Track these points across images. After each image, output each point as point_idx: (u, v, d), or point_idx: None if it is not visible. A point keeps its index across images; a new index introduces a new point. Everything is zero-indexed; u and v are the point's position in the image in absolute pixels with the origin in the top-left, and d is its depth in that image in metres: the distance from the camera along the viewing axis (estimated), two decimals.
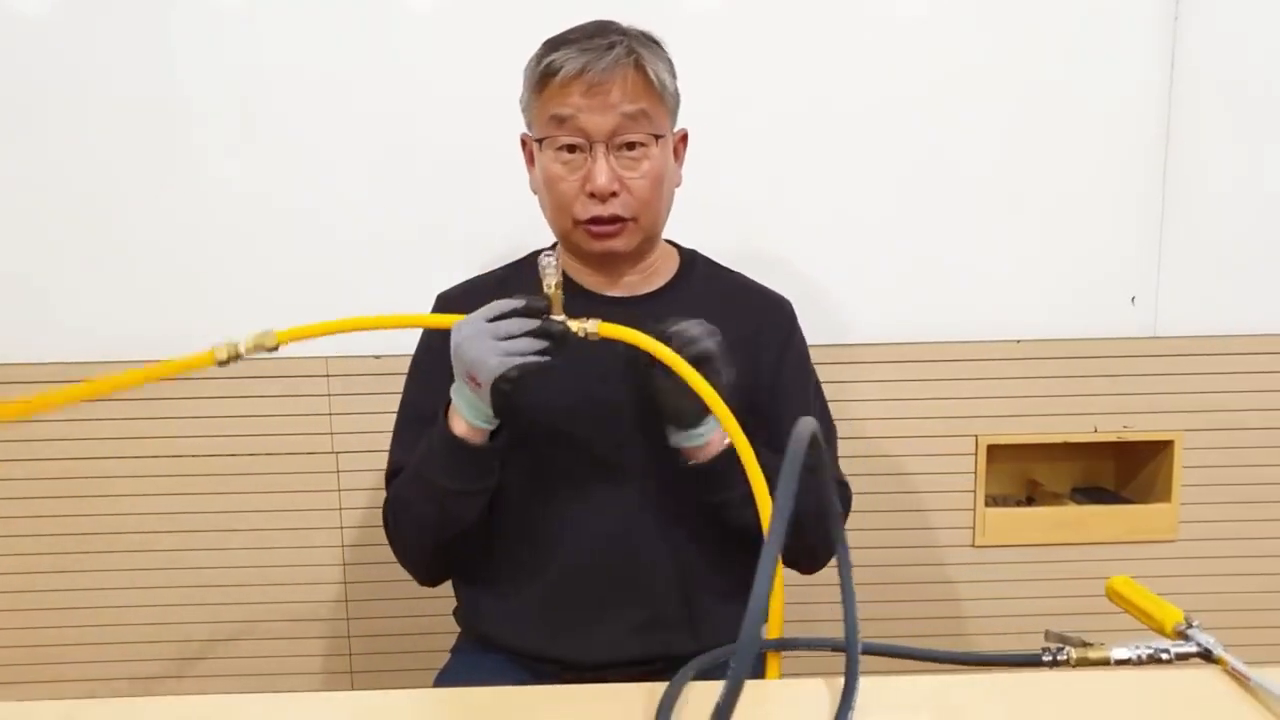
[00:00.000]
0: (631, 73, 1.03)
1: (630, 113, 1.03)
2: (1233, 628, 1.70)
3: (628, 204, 1.06)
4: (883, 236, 1.62)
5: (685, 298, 1.14)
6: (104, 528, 1.65)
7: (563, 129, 1.04)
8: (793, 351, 1.17)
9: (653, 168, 1.06)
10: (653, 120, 1.05)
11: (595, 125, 1.03)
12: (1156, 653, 0.78)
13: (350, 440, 1.63)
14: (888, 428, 1.66)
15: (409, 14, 1.54)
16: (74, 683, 1.69)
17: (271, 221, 1.59)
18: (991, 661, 0.81)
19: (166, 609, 1.67)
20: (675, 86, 1.10)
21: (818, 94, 1.58)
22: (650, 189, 1.06)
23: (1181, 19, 1.58)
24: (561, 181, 1.06)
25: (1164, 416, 1.67)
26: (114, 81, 1.54)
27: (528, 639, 1.12)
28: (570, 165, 1.05)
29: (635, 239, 1.09)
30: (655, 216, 1.10)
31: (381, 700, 0.77)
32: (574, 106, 1.03)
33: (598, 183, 1.03)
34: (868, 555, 1.67)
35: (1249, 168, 1.62)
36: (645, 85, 1.04)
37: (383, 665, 1.71)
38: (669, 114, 1.09)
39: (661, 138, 1.06)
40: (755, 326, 1.15)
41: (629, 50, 1.03)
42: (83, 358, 1.58)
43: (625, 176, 1.05)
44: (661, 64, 1.07)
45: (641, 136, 1.04)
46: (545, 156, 1.07)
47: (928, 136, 1.60)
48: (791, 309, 1.21)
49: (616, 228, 1.07)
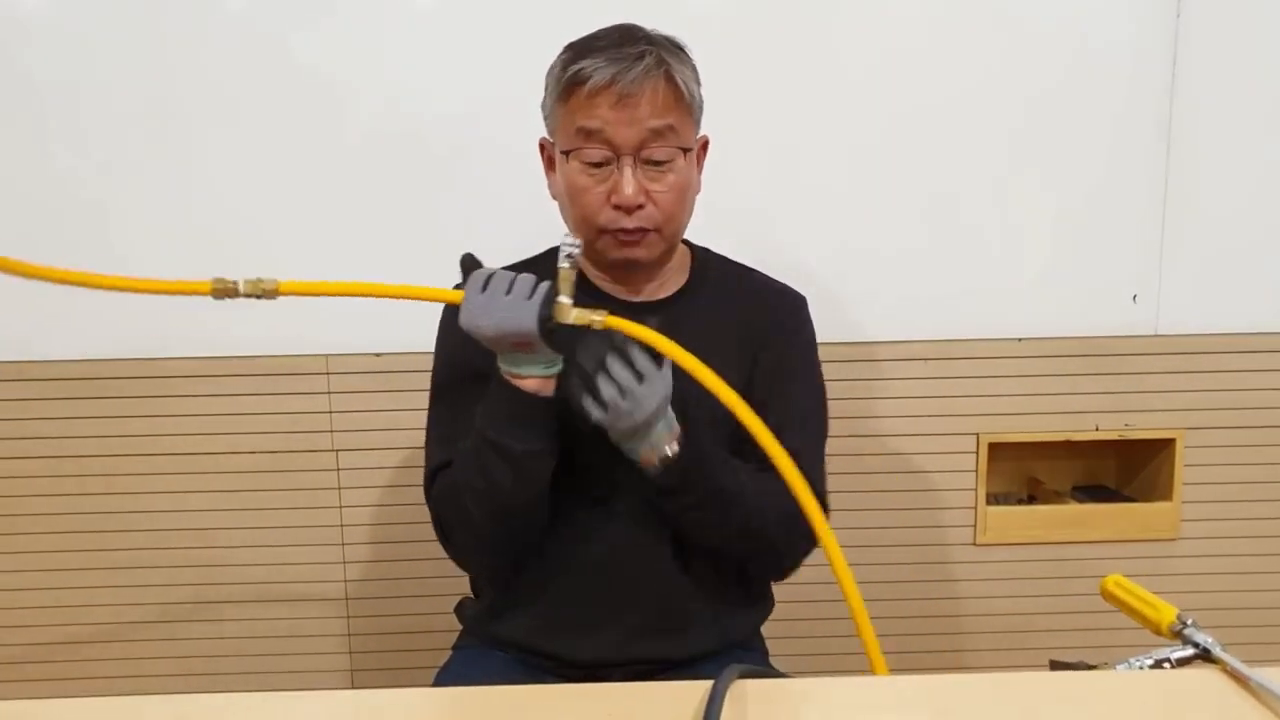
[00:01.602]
0: (661, 84, 1.02)
1: (658, 128, 1.02)
2: (1234, 626, 1.70)
3: (652, 216, 1.05)
4: (883, 235, 1.62)
5: (700, 302, 1.14)
6: (102, 526, 1.65)
7: (590, 141, 1.02)
8: (799, 343, 1.17)
9: (678, 180, 1.05)
10: (680, 133, 1.04)
11: (623, 138, 1.02)
12: (1159, 662, 0.79)
13: (350, 438, 1.63)
14: (889, 426, 1.66)
15: (409, 13, 1.53)
16: (73, 681, 1.69)
17: (271, 221, 1.58)
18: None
19: (165, 607, 1.67)
20: (701, 94, 1.09)
21: (825, 96, 1.58)
22: (675, 201, 1.06)
23: (1183, 17, 1.58)
24: (587, 193, 1.04)
25: (1165, 415, 1.67)
26: (113, 80, 1.54)
27: (531, 637, 1.13)
28: (596, 176, 1.04)
29: (658, 249, 1.08)
30: (678, 227, 1.10)
31: (381, 699, 0.77)
32: (602, 119, 1.01)
33: (625, 196, 1.02)
34: (869, 553, 1.67)
35: (1250, 166, 1.62)
36: (675, 97, 1.03)
37: (383, 664, 1.71)
38: (695, 124, 1.08)
39: (689, 150, 1.06)
40: (766, 322, 1.15)
41: (659, 61, 1.02)
42: (83, 356, 1.59)
43: (651, 189, 1.04)
44: (689, 72, 1.06)
45: (668, 150, 1.03)
46: (570, 167, 1.05)
47: (931, 136, 1.59)
48: (802, 302, 1.20)
49: (639, 237, 1.06)
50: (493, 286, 0.94)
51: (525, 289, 0.94)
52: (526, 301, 0.93)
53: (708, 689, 0.70)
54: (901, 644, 1.71)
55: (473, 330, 0.95)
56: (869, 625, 0.85)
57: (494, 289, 0.94)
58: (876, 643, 0.87)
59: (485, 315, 0.94)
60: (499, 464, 1.00)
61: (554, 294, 0.94)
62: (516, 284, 0.94)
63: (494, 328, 0.94)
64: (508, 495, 1.02)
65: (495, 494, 1.02)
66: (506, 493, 1.02)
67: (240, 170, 1.57)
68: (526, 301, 0.93)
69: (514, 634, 1.14)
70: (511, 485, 1.01)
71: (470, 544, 1.09)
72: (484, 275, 0.96)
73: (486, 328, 0.94)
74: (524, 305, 0.93)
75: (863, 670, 0.71)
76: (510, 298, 0.93)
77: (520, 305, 0.93)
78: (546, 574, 1.11)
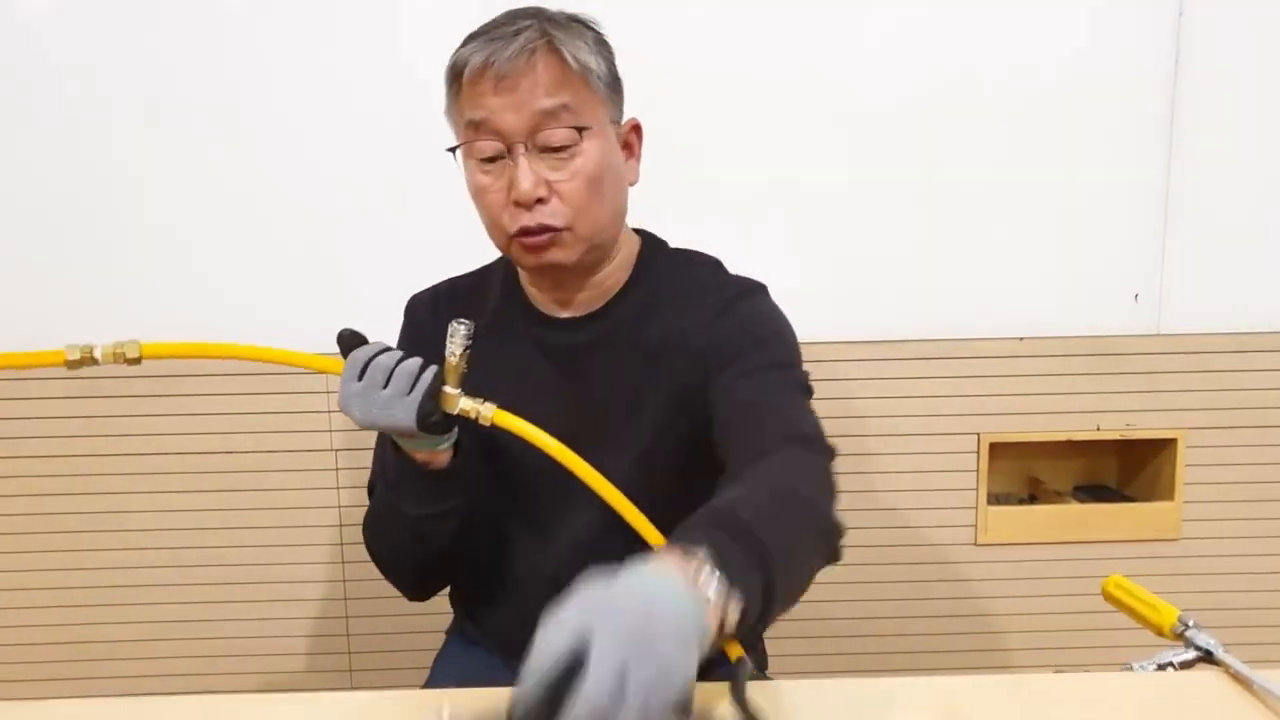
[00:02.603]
0: (544, 59, 0.91)
1: (549, 108, 0.90)
2: (1236, 626, 1.70)
3: (558, 211, 0.93)
4: (885, 233, 1.61)
5: (634, 311, 1.02)
6: (98, 526, 1.64)
7: (479, 133, 0.93)
8: (732, 316, 0.99)
9: (585, 165, 0.92)
10: (577, 112, 0.92)
11: (509, 125, 0.91)
12: (1162, 666, 0.78)
13: (349, 439, 1.63)
14: (889, 425, 1.66)
15: (409, 13, 1.53)
16: (71, 681, 1.68)
17: (270, 220, 1.58)
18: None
19: (164, 607, 1.67)
20: (608, 69, 0.96)
21: (824, 90, 1.57)
22: (583, 191, 0.93)
23: (1186, 14, 1.57)
24: (487, 193, 0.94)
25: (1167, 414, 1.66)
26: (112, 79, 1.53)
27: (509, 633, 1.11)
28: (494, 173, 0.94)
29: (575, 250, 0.95)
30: (595, 222, 0.95)
31: (381, 701, 0.77)
32: (486, 107, 0.91)
33: (520, 189, 0.91)
34: (869, 554, 1.67)
35: (1253, 165, 1.61)
36: (562, 71, 0.91)
37: (382, 664, 1.71)
38: (601, 102, 0.95)
39: (588, 129, 0.93)
40: (711, 316, 0.99)
41: (540, 33, 0.91)
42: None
43: (553, 179, 0.92)
44: (583, 45, 0.93)
45: (564, 133, 0.91)
46: (468, 166, 0.96)
47: (932, 133, 1.59)
48: (750, 286, 1.03)
49: (548, 238, 0.93)
50: (368, 377, 0.86)
51: (404, 383, 0.85)
52: (404, 398, 0.85)
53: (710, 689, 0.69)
54: (902, 644, 1.70)
55: (345, 413, 0.88)
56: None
57: (370, 380, 0.86)
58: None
59: (360, 408, 0.86)
60: (397, 525, 0.98)
61: (439, 384, 0.87)
62: (395, 376, 0.86)
63: (368, 422, 0.87)
64: (410, 550, 1.02)
65: (399, 549, 1.02)
66: (408, 548, 1.01)
67: (241, 170, 1.56)
68: (404, 398, 0.85)
69: (493, 634, 1.11)
70: (410, 543, 1.00)
71: (392, 572, 1.07)
72: (361, 361, 0.87)
73: (360, 420, 0.87)
74: (401, 402, 0.85)
75: (863, 671, 0.70)
76: (387, 393, 0.85)
77: (397, 402, 0.85)
78: (513, 578, 1.07)
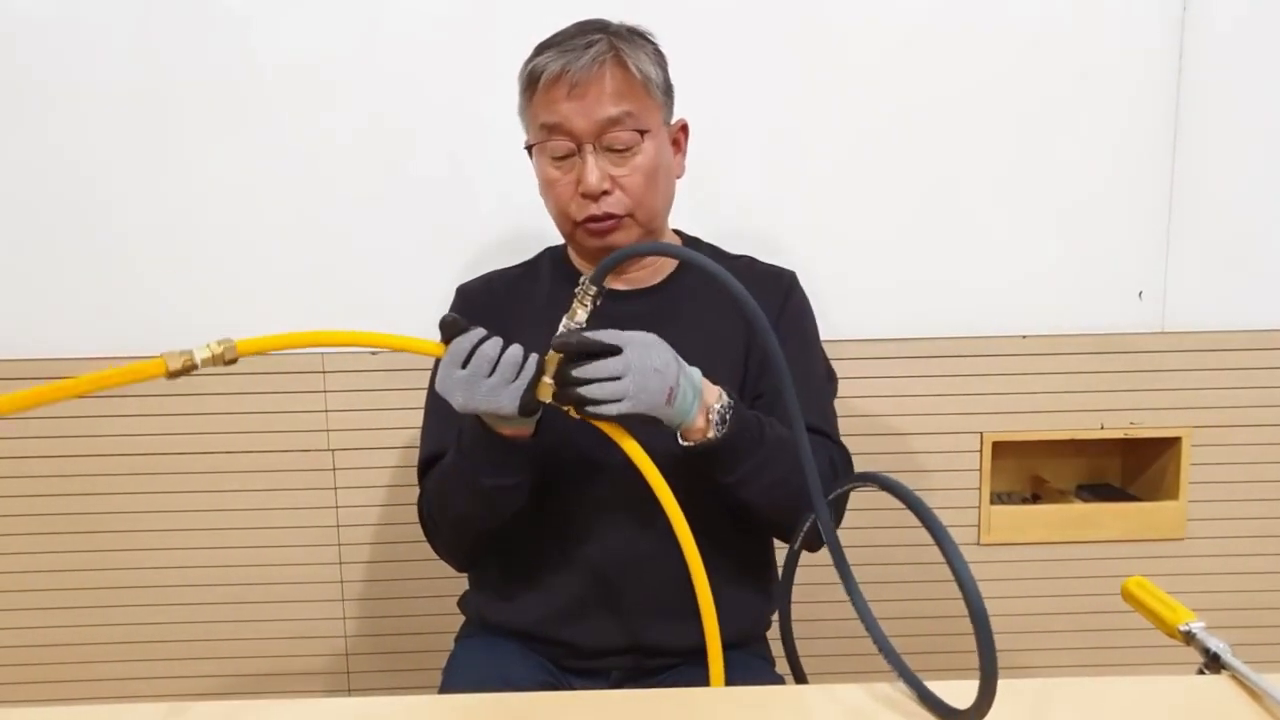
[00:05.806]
0: (612, 69, 1.04)
1: (615, 114, 1.04)
2: (1241, 627, 1.69)
3: (621, 201, 1.07)
4: (888, 231, 1.61)
5: (692, 287, 1.16)
6: (96, 526, 1.64)
7: (552, 134, 1.06)
8: (786, 315, 1.16)
9: (644, 162, 1.07)
10: (638, 116, 1.06)
11: (580, 128, 1.05)
12: None
13: (346, 438, 1.62)
14: (892, 424, 1.65)
15: (409, 12, 1.52)
16: (69, 684, 1.68)
17: (269, 220, 1.58)
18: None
19: (161, 609, 1.67)
20: (664, 77, 1.11)
21: (830, 92, 1.57)
22: (643, 184, 1.08)
23: (1189, 13, 1.56)
24: (557, 185, 1.08)
25: (1171, 413, 1.65)
26: (111, 79, 1.53)
27: (535, 625, 1.13)
28: (563, 168, 1.08)
29: (633, 234, 1.10)
30: (651, 210, 1.11)
31: (381, 707, 0.76)
32: (559, 113, 1.04)
33: (588, 183, 1.05)
34: (872, 553, 1.66)
35: (1257, 162, 1.60)
36: (627, 80, 1.05)
37: (380, 665, 1.70)
38: (659, 106, 1.10)
39: (648, 132, 1.07)
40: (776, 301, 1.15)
41: (609, 47, 1.05)
42: (81, 354, 1.57)
43: (616, 174, 1.06)
44: (645, 56, 1.08)
45: (628, 135, 1.05)
46: (541, 162, 1.10)
47: (936, 132, 1.58)
48: (790, 278, 1.20)
49: (612, 224, 1.08)
50: (474, 365, 0.90)
51: (510, 372, 0.90)
52: (509, 386, 0.90)
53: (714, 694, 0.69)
54: (904, 645, 1.68)
55: (446, 397, 0.92)
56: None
57: (475, 369, 0.90)
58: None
59: (464, 394, 0.91)
60: (470, 494, 1.03)
61: (540, 375, 0.91)
62: (500, 367, 0.90)
63: (470, 407, 0.92)
64: (478, 520, 1.07)
65: (467, 518, 1.07)
66: (477, 518, 1.06)
67: (238, 169, 1.56)
68: (509, 386, 0.90)
69: (517, 622, 1.14)
70: (480, 513, 1.05)
71: (451, 544, 1.14)
72: (465, 350, 0.91)
73: (461, 405, 0.92)
74: (506, 390, 0.90)
75: (863, 671, 0.70)
76: (492, 381, 0.90)
77: (502, 390, 0.90)
78: (550, 564, 1.12)
